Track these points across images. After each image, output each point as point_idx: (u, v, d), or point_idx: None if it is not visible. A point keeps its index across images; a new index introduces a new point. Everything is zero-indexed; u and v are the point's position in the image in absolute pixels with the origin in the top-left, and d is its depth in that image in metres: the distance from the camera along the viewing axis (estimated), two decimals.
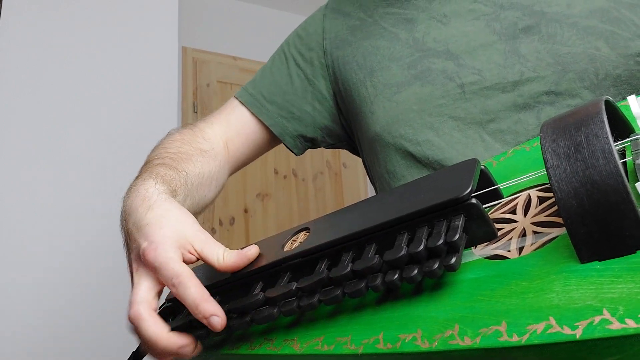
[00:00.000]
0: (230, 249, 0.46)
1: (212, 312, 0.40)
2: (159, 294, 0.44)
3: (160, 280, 0.43)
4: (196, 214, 0.61)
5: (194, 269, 0.54)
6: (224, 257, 0.44)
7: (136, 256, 0.45)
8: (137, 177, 0.56)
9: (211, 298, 0.41)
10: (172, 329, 0.46)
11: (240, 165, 0.78)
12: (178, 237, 0.44)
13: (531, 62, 0.59)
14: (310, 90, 0.75)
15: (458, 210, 0.33)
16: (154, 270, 0.43)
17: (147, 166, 0.59)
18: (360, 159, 0.82)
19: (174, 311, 0.50)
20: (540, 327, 0.25)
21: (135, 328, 0.42)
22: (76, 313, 1.34)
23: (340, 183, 2.72)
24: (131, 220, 0.47)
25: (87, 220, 1.43)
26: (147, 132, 1.53)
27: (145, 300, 0.42)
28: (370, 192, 2.74)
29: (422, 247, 0.32)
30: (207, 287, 0.47)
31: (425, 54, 0.65)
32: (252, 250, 0.45)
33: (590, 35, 0.58)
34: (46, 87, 1.49)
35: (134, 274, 0.45)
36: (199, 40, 2.57)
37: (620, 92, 0.56)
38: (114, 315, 1.35)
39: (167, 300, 0.51)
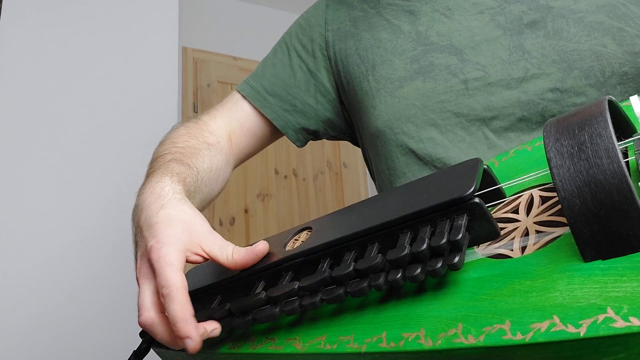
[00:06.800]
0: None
1: (187, 334, 0.38)
2: None
3: None
4: (202, 209, 0.61)
5: (196, 267, 0.54)
6: (232, 254, 0.44)
7: (142, 253, 0.45)
8: (150, 173, 0.55)
9: (192, 319, 0.39)
10: None
11: (244, 158, 0.77)
12: (186, 238, 0.44)
13: (536, 58, 0.58)
14: (313, 83, 0.74)
15: (461, 210, 0.33)
16: (154, 271, 0.42)
17: (158, 162, 0.57)
18: (360, 158, 0.82)
19: None
20: (544, 325, 0.25)
21: (150, 332, 0.42)
22: (75, 312, 1.34)
23: (341, 183, 2.71)
24: (143, 217, 0.47)
25: (87, 220, 1.43)
26: (148, 132, 1.53)
27: (152, 304, 0.42)
28: (371, 192, 2.74)
29: (425, 246, 0.32)
30: (209, 287, 0.47)
31: (428, 48, 0.64)
32: (260, 246, 0.44)
33: (597, 32, 0.57)
34: (46, 87, 1.49)
35: (139, 273, 0.44)
36: (199, 40, 2.57)
37: (627, 90, 0.56)
38: (114, 314, 1.35)
39: None
